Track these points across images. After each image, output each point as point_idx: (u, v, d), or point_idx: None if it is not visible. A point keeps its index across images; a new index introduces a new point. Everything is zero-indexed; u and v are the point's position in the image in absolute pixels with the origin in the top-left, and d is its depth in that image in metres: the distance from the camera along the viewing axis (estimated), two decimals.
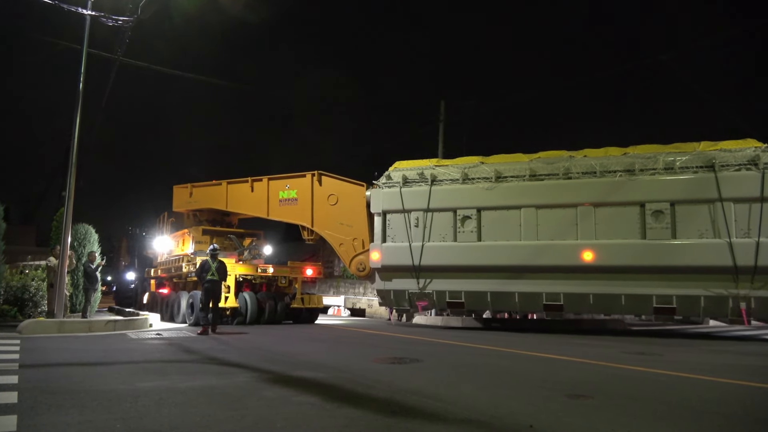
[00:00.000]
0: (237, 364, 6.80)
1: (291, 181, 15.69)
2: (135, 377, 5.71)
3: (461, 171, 13.19)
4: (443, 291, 13.03)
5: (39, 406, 4.22)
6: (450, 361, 7.45)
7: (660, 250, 11.22)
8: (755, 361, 7.95)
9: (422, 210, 13.28)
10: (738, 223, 10.83)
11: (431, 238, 13.19)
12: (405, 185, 13.59)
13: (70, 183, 12.21)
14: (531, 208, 12.43)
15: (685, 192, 11.29)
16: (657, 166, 11.55)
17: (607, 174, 11.93)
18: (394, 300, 13.82)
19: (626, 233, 11.62)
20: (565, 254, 11.93)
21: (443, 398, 4.67)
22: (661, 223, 11.35)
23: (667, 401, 4.72)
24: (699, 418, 4.12)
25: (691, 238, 11.13)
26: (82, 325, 11.40)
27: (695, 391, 5.28)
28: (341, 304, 22.38)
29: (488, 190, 12.77)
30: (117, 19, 12.63)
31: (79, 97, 12.32)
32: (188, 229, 17.86)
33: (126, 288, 29.22)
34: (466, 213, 12.95)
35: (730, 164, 11.05)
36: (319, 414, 4.07)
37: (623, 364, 7.14)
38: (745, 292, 10.65)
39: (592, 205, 11.96)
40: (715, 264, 10.80)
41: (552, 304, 12.15)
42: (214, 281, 12.33)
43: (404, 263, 13.23)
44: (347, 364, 6.93)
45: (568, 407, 4.43)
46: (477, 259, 12.69)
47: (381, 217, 13.81)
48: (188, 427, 3.65)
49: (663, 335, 12.59)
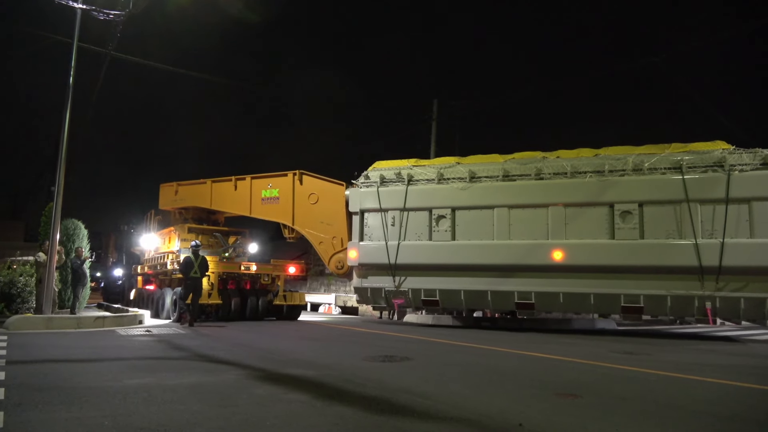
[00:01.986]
0: (226, 361, 6.77)
1: (273, 180, 15.92)
2: (124, 374, 5.67)
3: (437, 171, 13.41)
4: (418, 289, 13.24)
5: (26, 402, 4.18)
6: (440, 360, 7.47)
7: (628, 250, 11.40)
8: (741, 361, 8.03)
9: (399, 209, 13.49)
10: (704, 224, 11.00)
11: (407, 237, 13.38)
12: (382, 185, 13.81)
13: (59, 178, 12.11)
14: (504, 208, 12.62)
15: (653, 193, 11.46)
16: (626, 167, 11.72)
17: (577, 175, 12.11)
18: (371, 297, 14.06)
19: (595, 233, 11.80)
20: (536, 254, 12.11)
21: (433, 396, 4.68)
22: (629, 223, 11.52)
23: (656, 400, 4.76)
24: (687, 418, 4.15)
25: (659, 238, 11.29)
26: (71, 322, 11.32)
27: (683, 391, 5.33)
28: (332, 302, 22.38)
29: (462, 190, 12.97)
30: (108, 13, 12.53)
31: (69, 91, 12.21)
32: (174, 226, 18.13)
33: (114, 284, 29.41)
34: (441, 213, 13.15)
35: (697, 166, 11.22)
36: (308, 412, 4.06)
37: (612, 363, 7.18)
38: (710, 292, 10.81)
39: (562, 205, 12.14)
40: (682, 264, 10.97)
41: (523, 303, 12.34)
42: (196, 278, 12.95)
43: (381, 261, 13.47)
44: (337, 361, 6.93)
45: (558, 406, 4.45)
46: (451, 258, 12.91)
47: (359, 216, 14.04)
48: (177, 424, 3.63)
49: (652, 335, 12.69)
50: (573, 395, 4.86)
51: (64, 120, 12.14)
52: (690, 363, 7.50)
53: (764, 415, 4.50)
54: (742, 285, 10.66)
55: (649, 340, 11.16)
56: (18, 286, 13.73)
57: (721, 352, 9.31)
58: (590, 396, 4.86)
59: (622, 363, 7.22)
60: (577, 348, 9.15)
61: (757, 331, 14.16)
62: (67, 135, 12.19)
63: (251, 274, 16.08)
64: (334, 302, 22.35)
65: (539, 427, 3.74)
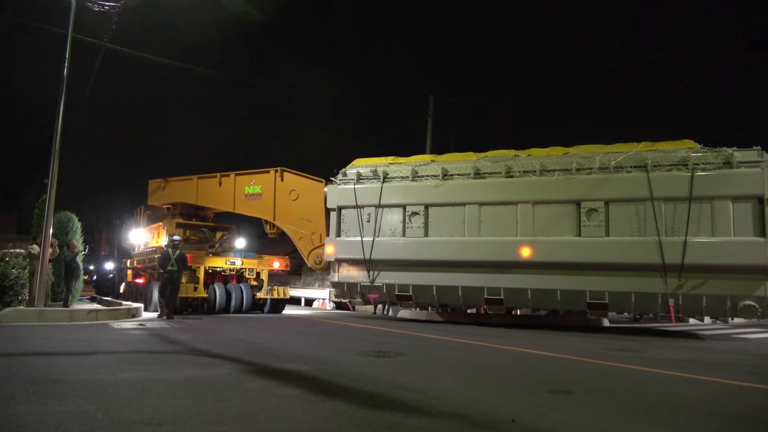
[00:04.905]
0: (220, 355, 6.77)
1: (256, 177, 16.25)
2: (117, 367, 5.66)
3: (411, 169, 13.64)
4: (392, 284, 13.51)
5: (18, 395, 4.17)
6: (434, 355, 7.49)
7: (594, 248, 11.56)
8: (732, 358, 8.09)
9: (374, 206, 13.75)
10: (667, 221, 11.16)
11: (382, 233, 13.63)
12: (359, 182, 14.08)
13: (52, 170, 12.04)
14: (474, 205, 12.84)
15: (618, 191, 11.61)
16: (593, 165, 11.90)
17: (546, 173, 12.29)
18: (348, 292, 14.37)
19: (563, 231, 11.99)
20: (505, 250, 12.30)
21: (426, 392, 4.70)
22: (594, 221, 11.69)
23: (647, 397, 4.80)
24: (677, 414, 4.18)
25: (624, 236, 11.46)
26: (63, 315, 11.27)
27: (674, 388, 5.37)
28: (326, 297, 22.36)
29: (435, 188, 13.21)
30: (103, 4, 12.44)
31: (63, 83, 12.13)
32: (163, 222, 18.61)
33: (105, 277, 29.80)
34: (415, 209, 13.41)
35: (662, 165, 11.37)
36: (302, 406, 4.07)
37: (604, 360, 7.22)
38: (673, 289, 10.99)
39: (531, 203, 12.33)
40: (646, 261, 11.13)
41: (493, 298, 12.56)
42: (173, 271, 13.53)
43: (356, 257, 13.75)
44: (331, 356, 6.94)
45: (550, 402, 4.48)
46: (423, 254, 13.15)
47: (336, 212, 14.34)
48: (170, 418, 3.63)
49: (644, 332, 12.77)
50: (565, 391, 4.89)
51: (58, 112, 12.06)
52: (681, 360, 7.56)
53: (752, 411, 4.54)
54: (703, 282, 10.85)
55: (642, 338, 11.23)
56: (10, 278, 13.62)
57: (711, 349, 9.38)
58: (582, 392, 4.89)
59: (615, 360, 7.26)
60: (570, 345, 9.20)
61: (751, 329, 14.27)
62: (61, 127, 12.12)
63: (237, 269, 16.57)
64: (328, 297, 22.33)
65: (532, 422, 3.76)
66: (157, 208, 19.91)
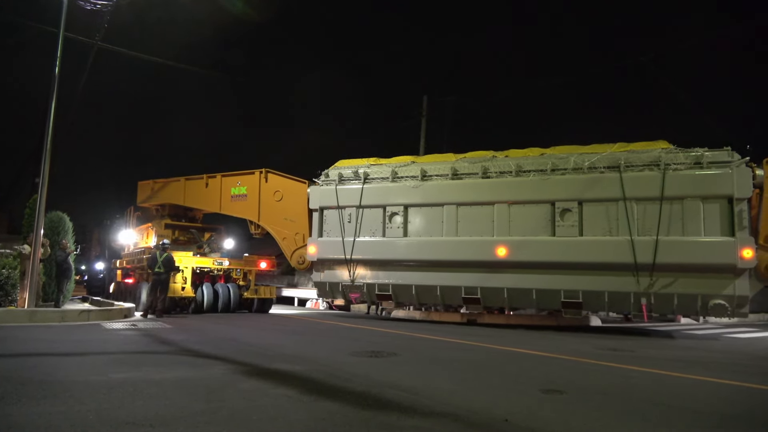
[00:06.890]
0: (213, 355, 6.75)
1: (242, 178, 16.37)
2: (109, 368, 5.64)
3: (391, 170, 13.80)
4: (373, 284, 13.69)
5: (9, 396, 4.14)
6: (427, 355, 7.50)
7: (567, 247, 11.69)
8: (723, 358, 8.15)
9: (355, 206, 13.92)
10: (639, 221, 11.27)
11: (362, 234, 13.80)
12: (341, 183, 14.26)
13: (44, 169, 11.96)
14: (452, 206, 13.00)
15: (592, 191, 11.72)
16: (567, 166, 12.02)
17: (522, 174, 12.44)
18: (330, 292, 14.59)
19: (537, 230, 12.12)
20: (482, 250, 12.45)
21: (420, 392, 4.70)
22: (568, 221, 11.81)
23: (638, 396, 4.83)
24: (668, 413, 4.21)
25: (597, 235, 11.58)
26: (55, 315, 11.20)
27: (666, 387, 5.41)
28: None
29: (414, 189, 13.38)
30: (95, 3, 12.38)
31: (55, 82, 12.05)
32: (152, 222, 18.78)
33: (95, 277, 29.86)
34: (394, 210, 13.59)
35: (635, 165, 11.48)
36: (295, 407, 4.07)
37: (596, 360, 7.26)
38: (645, 288, 11.10)
39: (507, 203, 12.47)
40: (618, 261, 11.24)
41: (470, 298, 12.72)
42: (160, 273, 13.87)
43: (338, 257, 13.92)
44: (324, 357, 6.93)
45: (543, 402, 4.50)
46: (402, 253, 13.32)
47: (318, 213, 14.52)
48: (163, 418, 3.62)
49: (635, 332, 12.84)
50: (558, 391, 4.91)
51: (49, 110, 11.98)
52: (672, 360, 7.61)
53: (744, 410, 4.58)
54: (674, 281, 10.98)
55: (633, 338, 11.28)
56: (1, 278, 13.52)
57: (702, 349, 9.45)
58: (574, 392, 4.92)
59: (607, 360, 7.30)
60: (563, 344, 9.24)
61: (742, 329, 14.39)
62: (52, 126, 12.04)
63: (225, 269, 16.78)
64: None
65: (524, 422, 3.77)
66: (147, 209, 20.04)
